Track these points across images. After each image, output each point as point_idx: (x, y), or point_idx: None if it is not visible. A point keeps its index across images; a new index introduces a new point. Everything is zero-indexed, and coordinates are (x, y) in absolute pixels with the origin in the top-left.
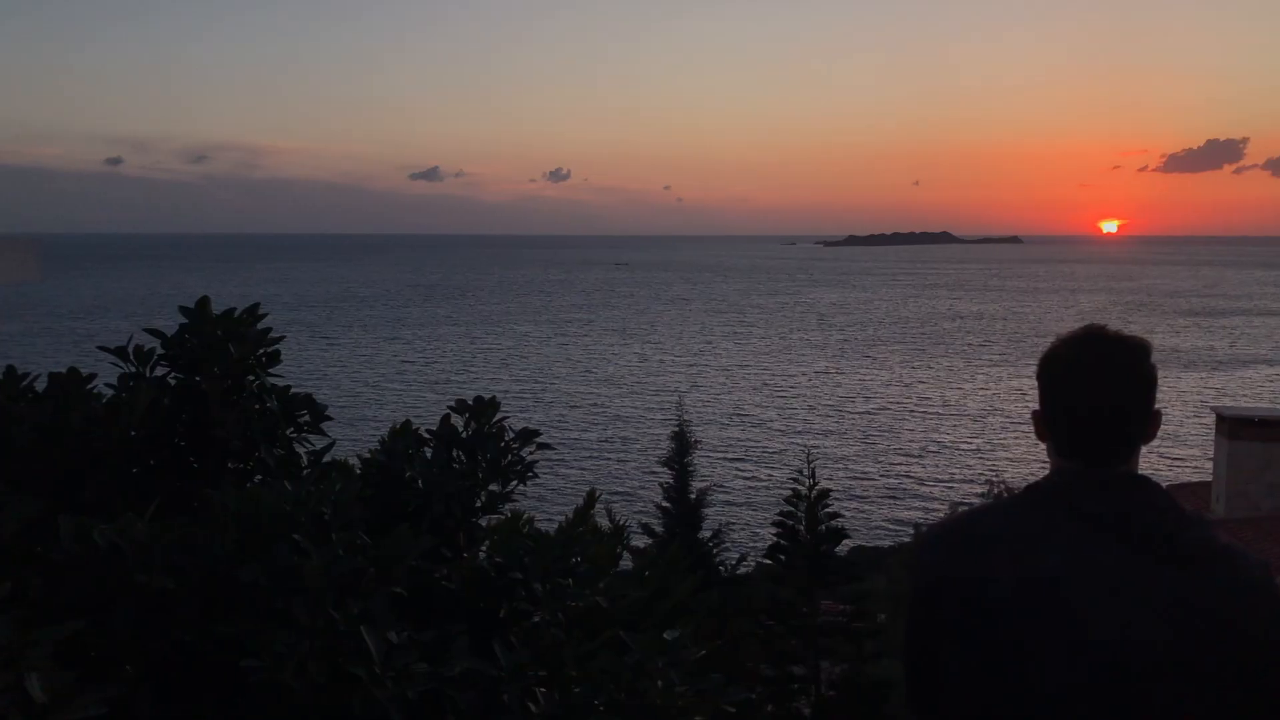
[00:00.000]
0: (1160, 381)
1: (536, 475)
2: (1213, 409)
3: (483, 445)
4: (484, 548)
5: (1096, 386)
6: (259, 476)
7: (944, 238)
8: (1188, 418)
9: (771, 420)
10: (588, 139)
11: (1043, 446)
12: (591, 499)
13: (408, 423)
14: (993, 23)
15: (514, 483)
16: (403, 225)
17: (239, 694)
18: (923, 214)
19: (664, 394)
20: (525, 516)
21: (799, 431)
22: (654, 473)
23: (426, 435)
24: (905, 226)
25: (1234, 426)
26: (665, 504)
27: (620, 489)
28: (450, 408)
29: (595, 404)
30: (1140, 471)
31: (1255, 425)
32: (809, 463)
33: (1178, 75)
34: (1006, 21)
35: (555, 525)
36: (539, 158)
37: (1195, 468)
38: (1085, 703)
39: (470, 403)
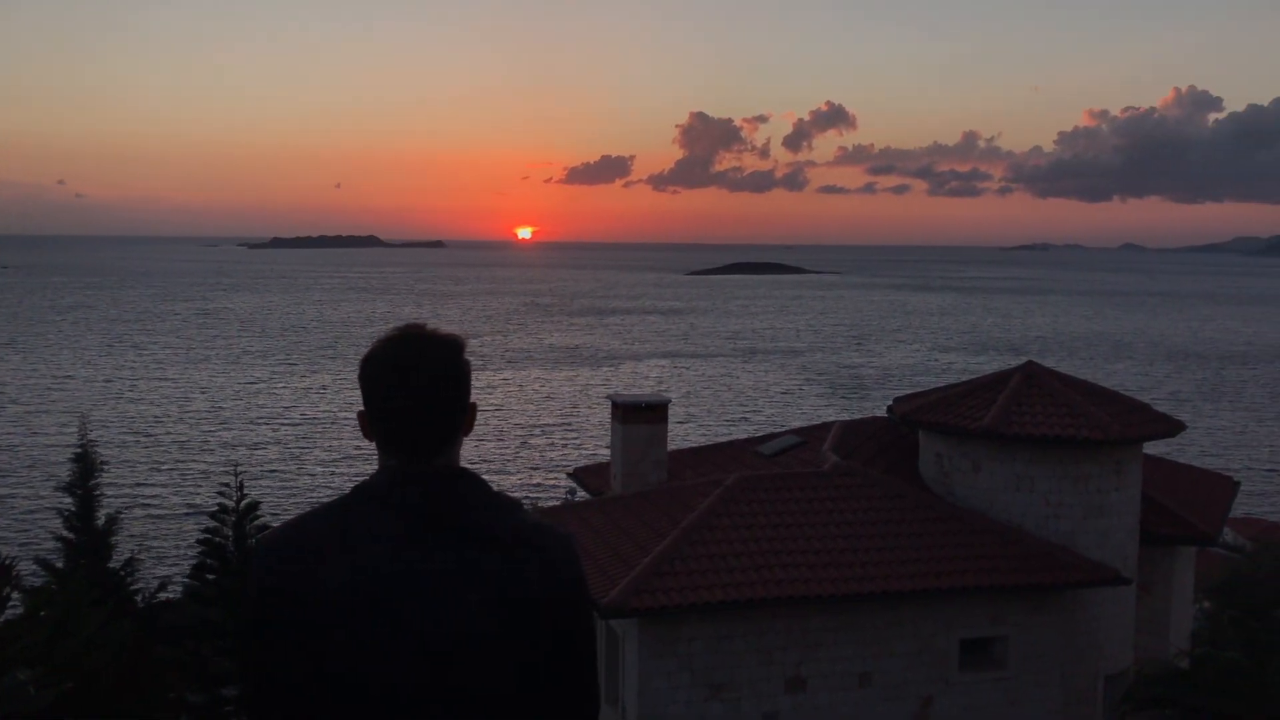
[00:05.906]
0: (575, 375)
1: None
2: (609, 397)
3: None
4: None
5: (411, 384)
6: None
7: (371, 241)
8: (591, 406)
9: (192, 436)
10: None
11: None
12: None
13: None
14: (412, 35)
15: None
16: None
17: None
18: (348, 217)
19: (64, 413)
20: None
21: (224, 445)
22: (52, 501)
23: None
24: (331, 230)
25: (626, 412)
26: (67, 534)
27: (7, 522)
28: None
29: None
30: (462, 464)
31: (642, 410)
32: (236, 476)
33: (578, 95)
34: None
35: None
36: None
37: (598, 451)
38: (411, 696)
39: None
